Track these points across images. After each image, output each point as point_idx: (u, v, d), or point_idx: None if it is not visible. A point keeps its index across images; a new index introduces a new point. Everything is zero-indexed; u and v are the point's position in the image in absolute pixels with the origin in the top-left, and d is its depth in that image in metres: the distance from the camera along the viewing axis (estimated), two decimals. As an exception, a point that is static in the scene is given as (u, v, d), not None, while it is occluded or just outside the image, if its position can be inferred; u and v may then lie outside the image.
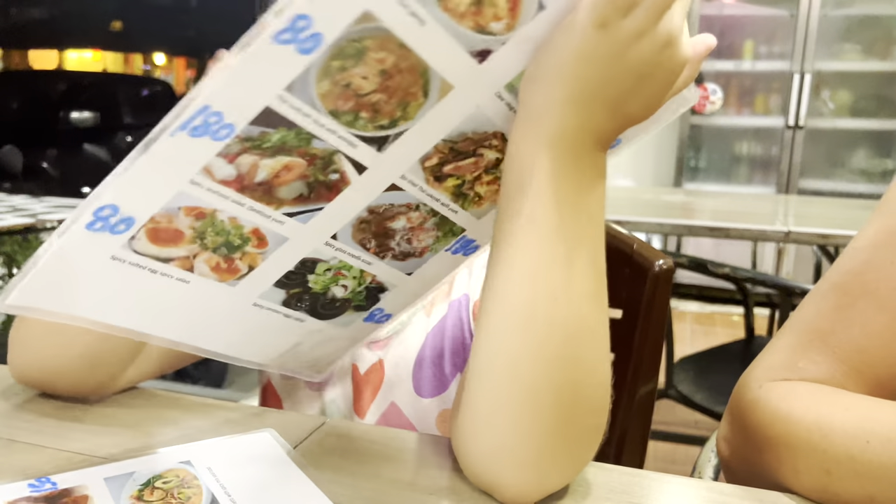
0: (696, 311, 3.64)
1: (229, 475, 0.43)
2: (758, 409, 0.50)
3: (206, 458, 0.45)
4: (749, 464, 0.52)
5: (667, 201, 2.18)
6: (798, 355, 0.51)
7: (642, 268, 0.81)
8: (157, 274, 0.37)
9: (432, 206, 0.42)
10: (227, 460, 0.45)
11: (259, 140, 0.34)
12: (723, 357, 1.78)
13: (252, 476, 0.43)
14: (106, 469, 0.43)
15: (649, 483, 0.47)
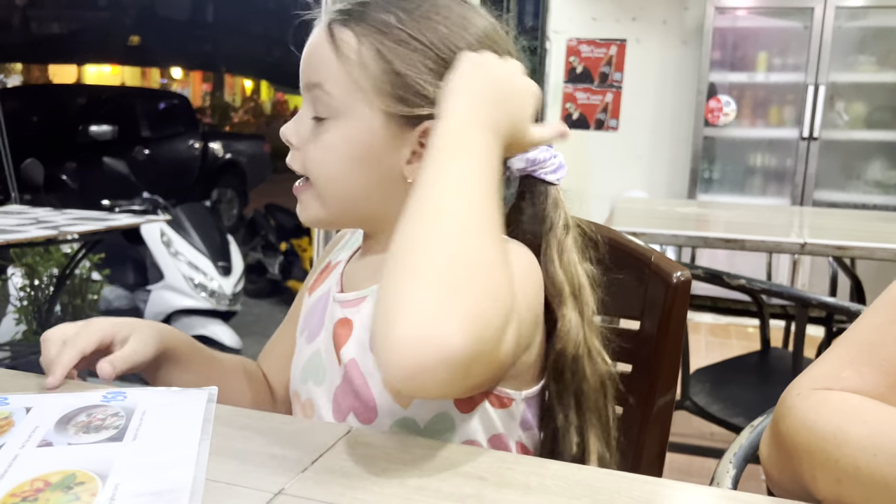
0: (711, 322, 3.62)
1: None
2: (790, 415, 0.51)
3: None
4: (781, 468, 0.53)
5: (681, 213, 2.18)
6: (844, 365, 0.53)
7: (660, 279, 0.81)
8: None
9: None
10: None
11: None
12: (738, 369, 1.78)
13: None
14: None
15: (671, 492, 0.48)
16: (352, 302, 0.69)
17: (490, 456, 0.51)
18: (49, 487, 0.45)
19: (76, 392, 0.59)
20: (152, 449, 0.50)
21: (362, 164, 0.65)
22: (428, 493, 0.45)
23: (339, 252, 0.78)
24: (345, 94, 0.63)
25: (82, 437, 0.52)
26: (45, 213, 2.26)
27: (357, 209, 0.68)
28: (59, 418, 0.54)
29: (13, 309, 2.55)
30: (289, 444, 0.52)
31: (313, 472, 0.48)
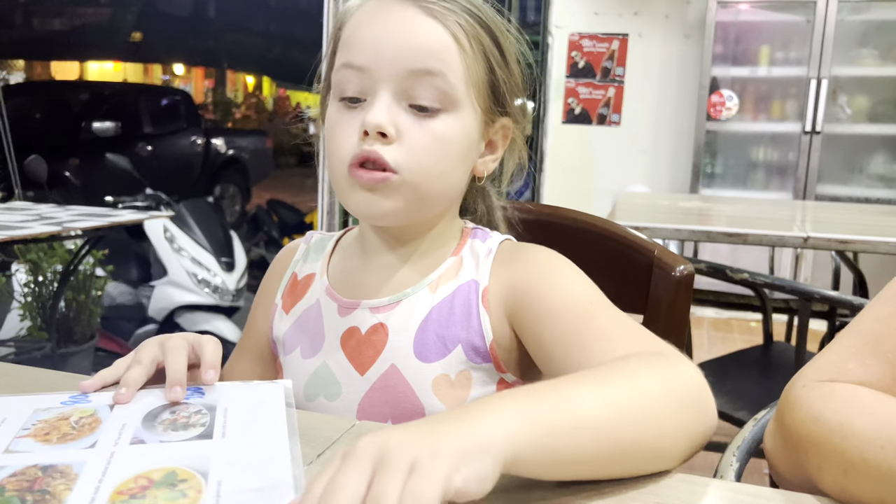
0: (713, 316, 3.62)
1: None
2: (795, 407, 0.52)
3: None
4: (786, 460, 0.53)
5: (684, 207, 2.18)
6: (850, 357, 0.53)
7: (663, 273, 0.82)
8: None
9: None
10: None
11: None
12: (741, 363, 1.78)
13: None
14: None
15: (675, 483, 0.48)
16: (387, 307, 0.67)
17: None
18: (154, 485, 0.45)
19: (154, 389, 0.59)
20: (244, 445, 0.51)
21: (465, 159, 0.65)
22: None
23: (303, 265, 0.75)
24: (463, 85, 0.62)
25: (172, 434, 0.52)
26: (49, 209, 2.27)
27: (440, 204, 0.67)
28: (144, 415, 0.55)
29: (17, 305, 2.56)
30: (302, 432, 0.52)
31: (319, 465, 0.48)
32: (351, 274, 0.71)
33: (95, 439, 0.51)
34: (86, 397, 0.58)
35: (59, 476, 0.47)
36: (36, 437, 0.52)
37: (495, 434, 0.41)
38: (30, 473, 0.47)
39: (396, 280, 0.68)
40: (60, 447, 0.50)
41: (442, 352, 0.65)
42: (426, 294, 0.67)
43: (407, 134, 0.61)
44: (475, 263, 0.68)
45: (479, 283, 0.66)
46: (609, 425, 0.45)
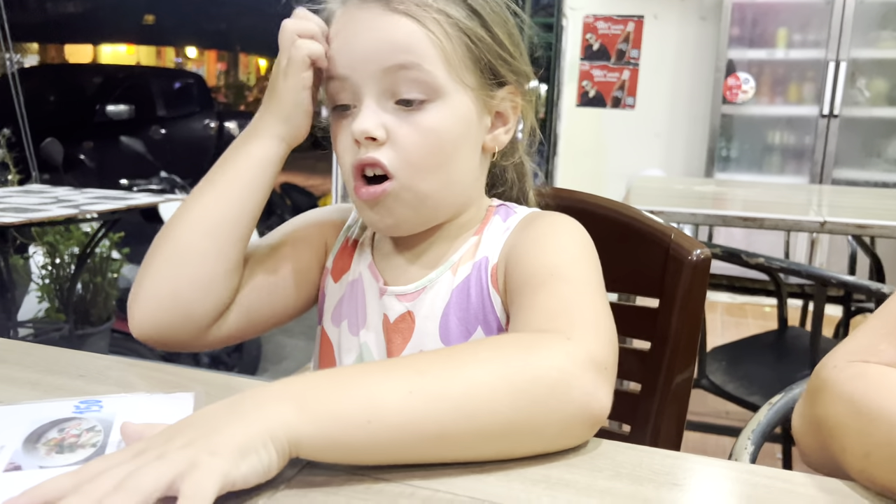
0: (727, 301, 3.61)
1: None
2: (826, 388, 0.51)
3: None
4: (812, 442, 0.53)
5: (699, 191, 2.17)
6: (881, 339, 0.53)
7: (679, 257, 0.82)
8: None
9: None
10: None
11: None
12: (756, 347, 1.78)
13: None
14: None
15: (691, 465, 0.48)
16: (411, 295, 0.67)
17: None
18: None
19: (45, 401, 0.53)
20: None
21: (464, 144, 0.64)
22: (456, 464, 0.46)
23: (355, 230, 0.74)
24: (443, 71, 0.60)
25: (55, 458, 0.46)
26: (66, 192, 2.29)
27: (449, 198, 0.65)
28: (27, 436, 0.48)
29: (35, 287, 2.59)
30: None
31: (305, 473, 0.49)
32: (385, 256, 0.71)
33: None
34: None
35: None
36: None
37: (274, 425, 0.42)
38: None
39: (422, 266, 0.68)
40: None
41: (464, 335, 0.65)
42: (448, 277, 0.66)
43: (396, 133, 0.61)
44: (492, 240, 0.67)
45: (490, 259, 0.66)
46: (404, 417, 0.44)
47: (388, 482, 0.44)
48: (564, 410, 0.47)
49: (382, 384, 0.46)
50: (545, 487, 0.44)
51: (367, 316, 0.69)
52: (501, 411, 0.46)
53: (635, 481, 0.45)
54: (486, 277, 0.65)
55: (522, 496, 0.43)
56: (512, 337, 0.54)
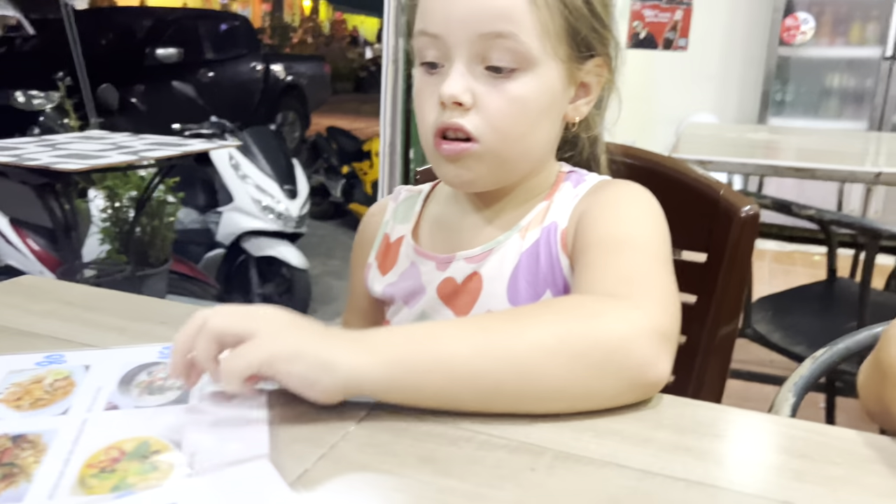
0: (775, 249, 3.56)
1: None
2: (893, 342, 0.51)
3: (197, 498, 0.43)
4: (872, 393, 0.53)
5: (750, 139, 2.13)
6: None
7: (729, 213, 0.82)
8: None
9: None
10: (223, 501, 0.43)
11: None
12: (802, 298, 1.77)
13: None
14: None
15: (733, 418, 0.51)
16: (480, 256, 0.68)
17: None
18: (125, 457, 0.43)
19: (133, 347, 0.58)
20: (219, 413, 0.48)
21: (548, 114, 0.65)
22: (484, 436, 0.50)
23: (394, 225, 0.77)
24: (537, 42, 0.61)
25: (147, 399, 0.51)
26: (124, 138, 2.36)
27: (527, 162, 0.67)
28: (120, 378, 0.53)
29: (97, 230, 2.69)
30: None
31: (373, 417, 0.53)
32: (447, 227, 0.72)
33: (69, 405, 0.49)
34: (61, 356, 0.56)
35: (28, 447, 0.45)
36: (7, 403, 0.50)
37: (343, 360, 0.47)
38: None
39: (490, 229, 0.69)
40: (32, 414, 0.48)
41: (532, 297, 0.66)
42: (516, 240, 0.68)
43: (484, 99, 0.61)
44: (562, 206, 0.68)
45: (559, 224, 0.67)
46: (464, 370, 0.48)
47: (448, 426, 0.48)
48: (622, 377, 0.50)
49: (449, 339, 0.50)
50: (593, 436, 0.47)
51: (425, 291, 0.71)
52: (558, 374, 0.48)
53: (678, 432, 0.48)
54: (555, 242, 0.66)
55: (572, 442, 0.46)
56: (578, 300, 0.56)
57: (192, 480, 0.41)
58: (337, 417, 0.49)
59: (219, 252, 3.36)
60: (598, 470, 0.43)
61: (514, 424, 0.48)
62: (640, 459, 0.44)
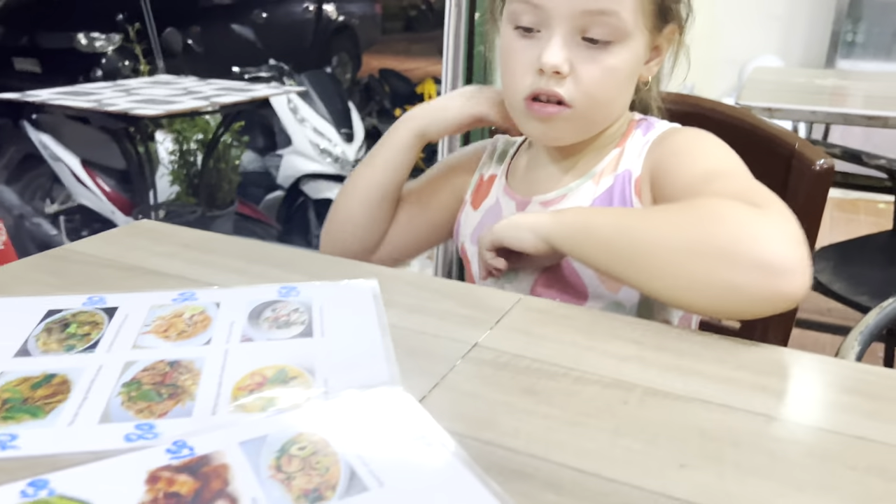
0: (839, 197, 3.48)
1: (365, 439, 0.43)
2: None
3: (336, 419, 0.46)
4: None
5: (819, 85, 2.08)
6: None
7: (802, 166, 0.84)
8: None
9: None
10: (361, 420, 0.46)
11: None
12: (866, 248, 1.76)
13: (384, 441, 0.44)
14: (239, 433, 0.44)
15: (807, 362, 0.55)
16: (554, 200, 0.74)
17: (646, 326, 0.60)
18: (268, 381, 0.49)
19: (254, 286, 0.64)
20: (343, 343, 0.55)
21: (630, 82, 0.70)
22: (597, 352, 0.55)
23: (489, 167, 0.84)
24: (633, 17, 0.66)
25: (276, 332, 0.56)
26: (192, 83, 2.43)
27: (608, 123, 0.73)
28: (249, 313, 0.59)
29: (166, 172, 2.81)
30: (474, 306, 0.62)
31: (499, 329, 0.58)
32: (527, 172, 0.79)
33: (209, 336, 0.55)
34: (193, 294, 0.62)
35: (185, 371, 0.50)
36: (157, 334, 0.56)
37: (544, 223, 0.65)
38: (159, 368, 0.51)
39: (565, 175, 0.75)
40: (180, 344, 0.54)
41: None
42: (590, 186, 0.73)
43: (580, 69, 0.66)
44: (634, 153, 0.73)
45: (633, 172, 0.72)
46: (608, 238, 0.61)
47: (544, 363, 0.53)
48: (747, 278, 0.53)
49: (598, 216, 0.64)
50: (678, 375, 0.52)
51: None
52: (703, 269, 0.55)
53: (756, 373, 0.52)
54: (629, 189, 0.71)
55: (659, 380, 0.51)
56: (708, 201, 0.59)
57: (331, 402, 0.47)
58: (443, 354, 0.54)
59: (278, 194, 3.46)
60: (684, 405, 0.48)
61: (604, 363, 0.53)
62: (723, 396, 0.49)
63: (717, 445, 0.44)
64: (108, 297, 0.62)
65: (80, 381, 0.49)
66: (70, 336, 0.55)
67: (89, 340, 0.55)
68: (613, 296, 0.72)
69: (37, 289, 0.64)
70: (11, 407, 0.46)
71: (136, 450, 0.42)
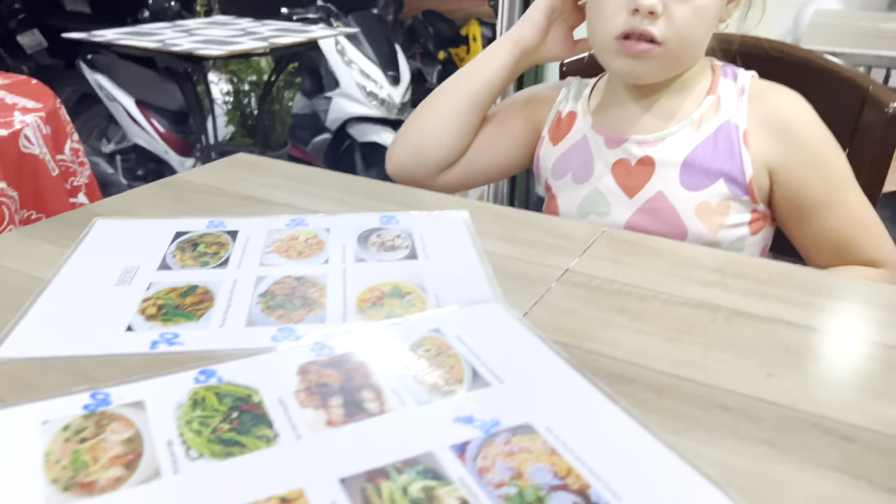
0: None
1: (480, 344, 0.49)
2: None
3: (453, 327, 0.51)
4: None
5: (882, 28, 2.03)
6: None
7: (875, 109, 0.86)
8: None
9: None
10: (474, 329, 0.51)
11: None
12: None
13: (498, 346, 0.49)
14: (371, 336, 0.49)
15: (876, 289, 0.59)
16: (653, 142, 0.78)
17: (727, 256, 0.64)
18: (386, 295, 0.55)
19: (356, 214, 0.70)
20: (446, 266, 0.60)
21: (715, 22, 0.74)
22: (681, 278, 0.59)
23: (566, 104, 0.87)
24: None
25: (384, 255, 0.62)
26: (249, 24, 2.46)
27: (693, 62, 0.76)
28: (357, 238, 0.65)
29: (221, 112, 2.86)
30: (561, 236, 0.67)
31: (586, 257, 0.63)
32: (616, 112, 0.82)
33: (326, 257, 0.61)
34: (303, 220, 0.68)
35: (311, 286, 0.56)
36: (279, 254, 0.61)
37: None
38: (288, 283, 0.56)
39: (660, 118, 0.78)
40: (301, 262, 0.60)
41: (705, 183, 0.75)
42: (690, 132, 0.77)
43: (672, 8, 0.70)
44: (731, 102, 0.77)
45: (739, 124, 0.75)
46: None
47: (634, 287, 0.58)
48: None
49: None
50: (759, 299, 0.56)
51: (594, 169, 0.81)
52: None
53: (835, 300, 0.56)
54: (737, 139, 0.75)
55: (742, 303, 0.55)
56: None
57: (444, 313, 0.53)
58: (538, 277, 0.59)
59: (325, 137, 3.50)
60: (767, 325, 0.53)
61: (689, 288, 0.58)
62: (803, 318, 0.53)
63: (801, 359, 0.48)
64: (227, 220, 0.68)
65: (220, 291, 0.56)
66: (202, 254, 0.62)
67: (219, 258, 0.61)
68: (712, 236, 0.76)
69: (160, 213, 0.70)
70: (167, 311, 0.53)
71: (283, 349, 0.49)
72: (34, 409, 0.42)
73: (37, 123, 1.19)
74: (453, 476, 0.37)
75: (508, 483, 0.37)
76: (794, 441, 0.40)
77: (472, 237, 0.66)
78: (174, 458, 0.38)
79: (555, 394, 0.44)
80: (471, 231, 0.67)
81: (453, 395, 0.44)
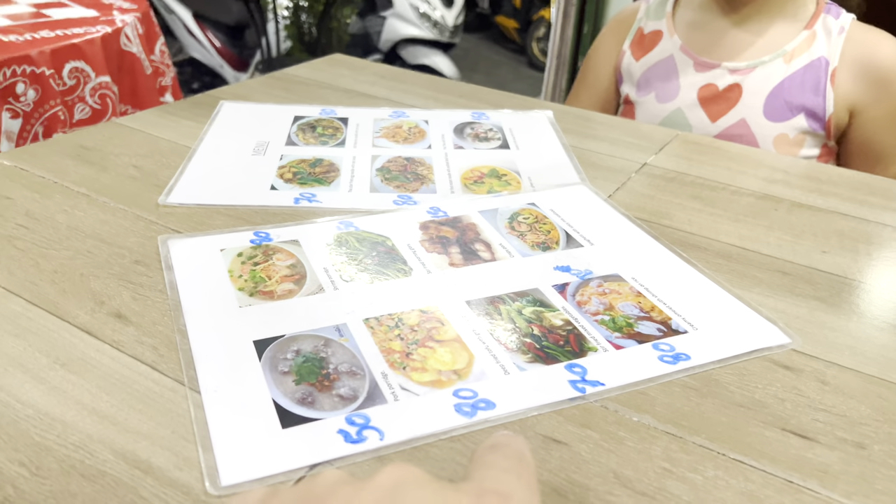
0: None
1: (572, 216, 0.57)
2: None
3: (547, 202, 0.59)
4: None
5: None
6: None
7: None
8: None
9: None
10: (566, 204, 0.59)
11: None
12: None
13: (588, 218, 0.56)
14: (478, 204, 0.58)
15: (929, 195, 0.65)
16: (744, 70, 0.80)
17: (791, 160, 0.70)
18: (485, 176, 0.63)
19: (449, 110, 0.77)
20: (536, 155, 0.67)
21: None
22: (748, 175, 0.66)
23: (647, 21, 0.89)
24: None
25: (480, 144, 0.70)
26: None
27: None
28: (453, 129, 0.72)
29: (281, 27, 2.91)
30: (638, 137, 0.74)
31: (662, 155, 0.70)
32: (707, 35, 0.84)
33: (428, 143, 0.68)
34: (404, 112, 0.75)
35: (419, 165, 0.63)
36: (388, 138, 0.69)
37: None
38: (399, 161, 0.64)
39: (753, 47, 0.81)
40: (407, 147, 0.68)
41: (787, 115, 0.79)
42: (780, 64, 0.80)
43: None
44: (827, 40, 0.79)
45: (830, 62, 0.78)
46: None
47: (705, 180, 0.65)
48: None
49: None
50: (819, 195, 0.63)
51: (679, 89, 0.84)
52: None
53: (876, 196, 0.63)
54: (824, 76, 0.78)
55: (802, 197, 0.62)
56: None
57: (538, 192, 0.61)
58: (619, 168, 0.67)
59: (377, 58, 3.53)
60: (825, 215, 0.60)
61: (755, 183, 0.65)
62: (858, 211, 0.60)
63: (853, 242, 0.56)
64: (337, 109, 0.76)
65: (343, 164, 0.64)
66: (321, 135, 0.70)
67: (337, 139, 0.69)
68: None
69: (276, 100, 0.78)
70: (302, 177, 0.61)
71: (405, 210, 0.57)
72: (211, 240, 0.51)
73: (135, 23, 1.27)
74: (557, 304, 0.46)
75: (602, 313, 0.45)
76: (843, 299, 0.48)
77: (556, 133, 0.73)
78: (332, 280, 0.47)
79: (639, 254, 0.52)
80: (556, 128, 0.74)
81: (552, 252, 0.52)
